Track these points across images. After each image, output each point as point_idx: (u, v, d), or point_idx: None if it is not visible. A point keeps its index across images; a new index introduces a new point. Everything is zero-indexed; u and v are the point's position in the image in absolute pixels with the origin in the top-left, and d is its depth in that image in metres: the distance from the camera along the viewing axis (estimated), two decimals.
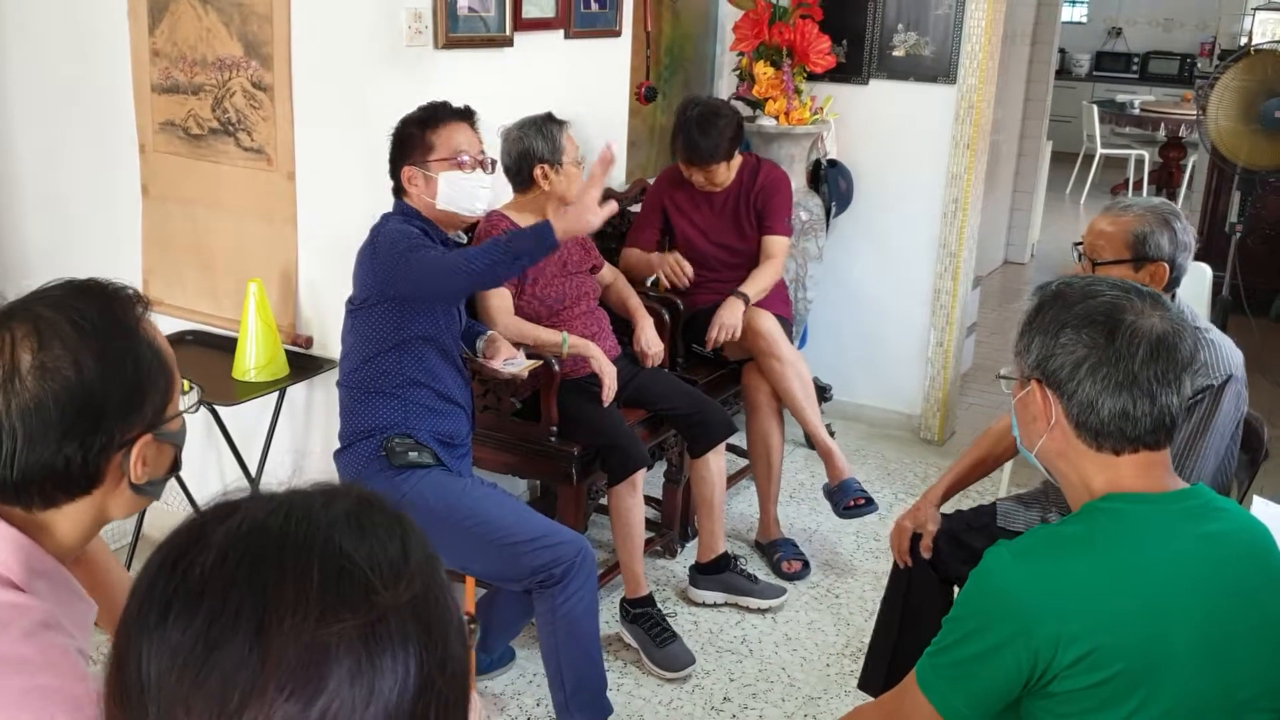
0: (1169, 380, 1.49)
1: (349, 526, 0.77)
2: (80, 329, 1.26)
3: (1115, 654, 1.42)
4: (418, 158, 2.66)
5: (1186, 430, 2.32)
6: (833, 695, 3.03)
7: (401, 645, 0.74)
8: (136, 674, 0.73)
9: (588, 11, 3.63)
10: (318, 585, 0.73)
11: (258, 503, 0.79)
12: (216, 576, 0.74)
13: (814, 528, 3.91)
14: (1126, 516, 1.50)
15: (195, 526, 0.78)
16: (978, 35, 4.29)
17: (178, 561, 0.76)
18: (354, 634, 0.72)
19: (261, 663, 0.71)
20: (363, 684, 0.72)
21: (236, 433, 3.19)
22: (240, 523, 0.77)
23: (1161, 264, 2.34)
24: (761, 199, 3.74)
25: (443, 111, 2.69)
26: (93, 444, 1.26)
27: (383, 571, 0.75)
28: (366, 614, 0.73)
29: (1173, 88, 10.91)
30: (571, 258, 3.27)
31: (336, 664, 0.71)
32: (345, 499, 0.80)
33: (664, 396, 3.34)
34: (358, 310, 2.69)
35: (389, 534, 0.79)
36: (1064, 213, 9.57)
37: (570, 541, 2.63)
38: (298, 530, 0.76)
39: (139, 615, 0.75)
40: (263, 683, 0.70)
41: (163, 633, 0.73)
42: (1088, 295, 1.55)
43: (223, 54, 3.13)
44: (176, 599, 0.74)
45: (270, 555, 0.74)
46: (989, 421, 4.91)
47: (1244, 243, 5.40)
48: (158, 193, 3.37)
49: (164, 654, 0.73)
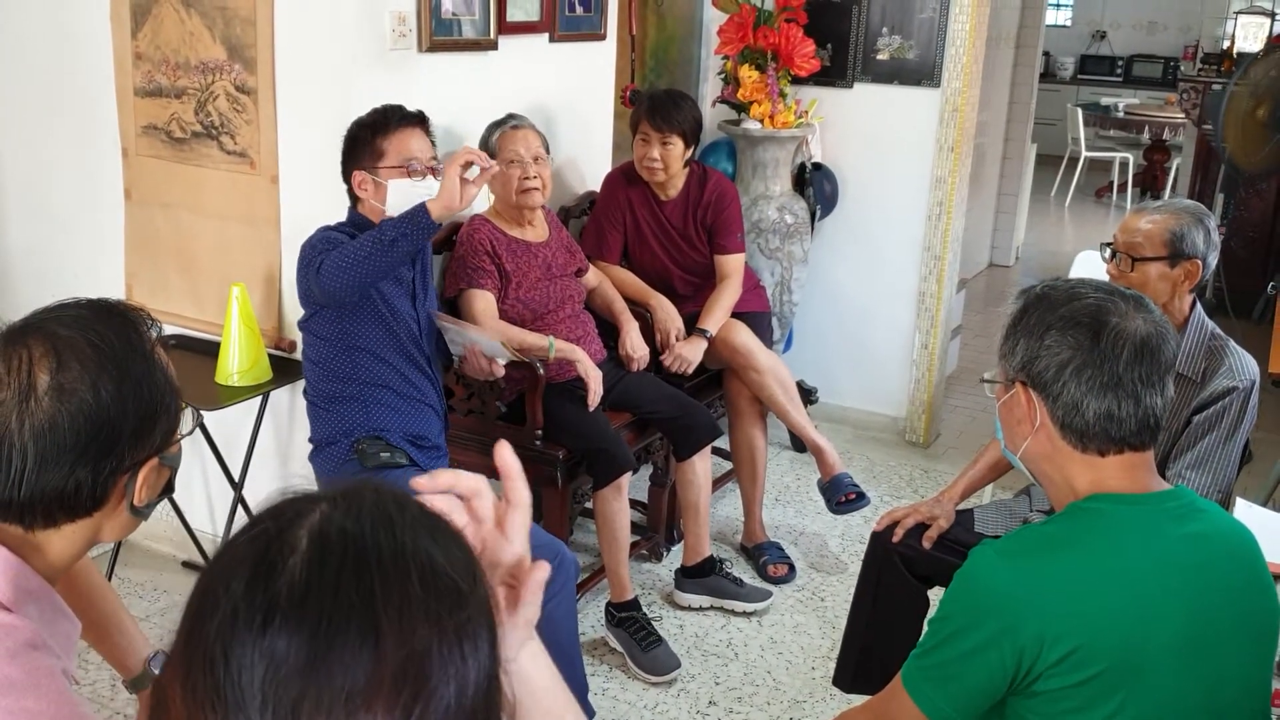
0: (1153, 382, 1.50)
1: (426, 530, 0.81)
2: (99, 351, 1.25)
3: (1097, 653, 1.42)
4: (368, 163, 2.65)
5: (1215, 436, 2.35)
6: (818, 698, 3.03)
7: (482, 639, 0.79)
8: (235, 682, 0.73)
9: (572, 15, 3.63)
10: (419, 589, 0.76)
11: (330, 503, 0.80)
12: (319, 584, 0.75)
13: (800, 530, 3.92)
14: (1110, 517, 1.50)
15: (275, 529, 0.79)
16: (962, 39, 4.30)
17: (271, 567, 0.76)
18: (452, 631, 0.77)
19: (375, 666, 0.73)
20: (456, 678, 0.76)
21: (219, 437, 3.18)
22: (323, 526, 0.78)
23: (1196, 261, 2.41)
24: (711, 214, 3.67)
25: (394, 116, 2.67)
26: (104, 468, 1.26)
27: (462, 572, 0.80)
28: (459, 613, 0.78)
29: (1157, 90, 10.96)
30: (556, 261, 3.27)
31: (440, 661, 0.75)
32: (412, 503, 0.84)
33: (649, 400, 3.33)
34: (307, 324, 2.72)
35: (454, 537, 0.83)
36: (1049, 216, 9.61)
37: (548, 545, 2.62)
38: (386, 537, 0.78)
39: (234, 622, 0.75)
40: (375, 686, 0.73)
41: (263, 640, 0.73)
42: (1072, 298, 1.56)
43: (206, 57, 3.12)
44: (279, 606, 0.74)
45: (369, 562, 0.76)
46: (974, 424, 4.95)
47: (1227, 245, 5.43)
48: (140, 196, 3.35)
49: (267, 660, 0.73)
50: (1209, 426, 2.36)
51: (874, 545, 2.58)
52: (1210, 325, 2.46)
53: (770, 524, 3.82)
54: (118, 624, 1.66)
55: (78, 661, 2.86)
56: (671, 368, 3.53)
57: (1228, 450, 2.36)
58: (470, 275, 3.09)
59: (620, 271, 3.69)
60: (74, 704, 1.22)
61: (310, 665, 0.73)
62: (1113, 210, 9.82)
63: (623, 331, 3.44)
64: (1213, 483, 2.35)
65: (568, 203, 3.81)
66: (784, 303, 4.38)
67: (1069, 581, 1.46)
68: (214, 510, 3.47)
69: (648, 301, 3.60)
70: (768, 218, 4.31)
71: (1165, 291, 2.41)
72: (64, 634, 1.33)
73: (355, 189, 2.68)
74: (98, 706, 2.85)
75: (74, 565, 1.39)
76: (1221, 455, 2.35)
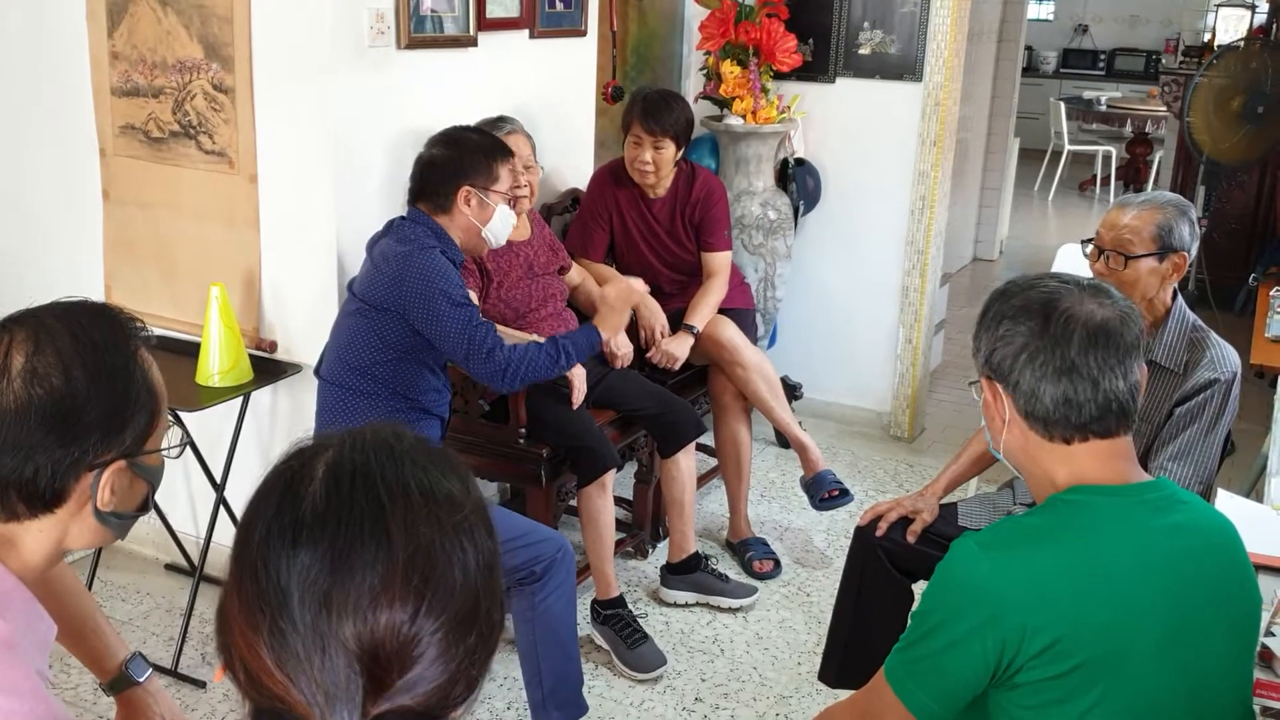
0: (1111, 365, 1.50)
1: (422, 453, 0.98)
2: (78, 341, 1.27)
3: (1078, 645, 1.42)
4: (481, 182, 2.68)
5: (1197, 428, 2.35)
6: (804, 694, 3.02)
7: (478, 535, 0.96)
8: (275, 585, 0.90)
9: (553, 11, 3.61)
10: (419, 496, 0.94)
11: (341, 441, 0.98)
12: (335, 500, 0.92)
13: (785, 526, 3.91)
14: (1090, 508, 1.50)
15: (297, 464, 0.96)
16: (943, 33, 4.30)
17: (295, 491, 0.94)
18: (451, 529, 0.94)
19: (390, 560, 0.90)
20: (459, 566, 0.94)
21: (201, 439, 3.16)
22: (336, 459, 0.96)
23: (1184, 254, 2.41)
24: (699, 212, 3.67)
25: (502, 147, 2.75)
26: (64, 458, 1.25)
27: (456, 482, 0.98)
28: (456, 513, 0.95)
29: (1139, 84, 11.01)
30: (538, 260, 3.26)
31: (443, 552, 0.93)
32: (407, 435, 1.00)
33: (633, 397, 3.33)
34: (369, 311, 2.63)
35: (445, 458, 1.00)
36: (1032, 209, 9.64)
37: (550, 539, 2.64)
38: (389, 461, 0.96)
39: (270, 538, 0.92)
40: (390, 575, 0.90)
41: (294, 550, 0.91)
42: (1027, 289, 1.58)
43: (183, 56, 3.09)
44: (304, 521, 0.92)
45: (374, 481, 0.94)
46: (958, 418, 4.95)
47: (1209, 237, 5.45)
48: (118, 197, 3.33)
49: (299, 567, 0.90)
50: (1191, 418, 2.36)
51: (858, 540, 2.58)
52: (1192, 317, 2.46)
53: (756, 520, 3.82)
54: (93, 627, 1.65)
55: (61, 665, 2.85)
56: (658, 364, 3.53)
57: (1209, 442, 2.36)
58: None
59: (604, 269, 3.68)
60: (50, 704, 1.21)
61: (335, 566, 0.90)
62: (1096, 204, 9.86)
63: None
64: (1194, 474, 2.35)
65: (550, 200, 3.80)
66: (768, 299, 4.38)
67: (1049, 572, 1.46)
68: (196, 512, 3.45)
69: None
70: (751, 214, 4.31)
71: (1154, 285, 2.41)
72: (40, 635, 1.32)
73: (459, 202, 2.67)
74: (81, 710, 2.83)
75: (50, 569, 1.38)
76: (1203, 447, 2.35)
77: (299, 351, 3.11)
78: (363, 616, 0.89)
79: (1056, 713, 1.45)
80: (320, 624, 0.89)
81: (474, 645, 0.94)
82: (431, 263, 2.59)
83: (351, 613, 0.89)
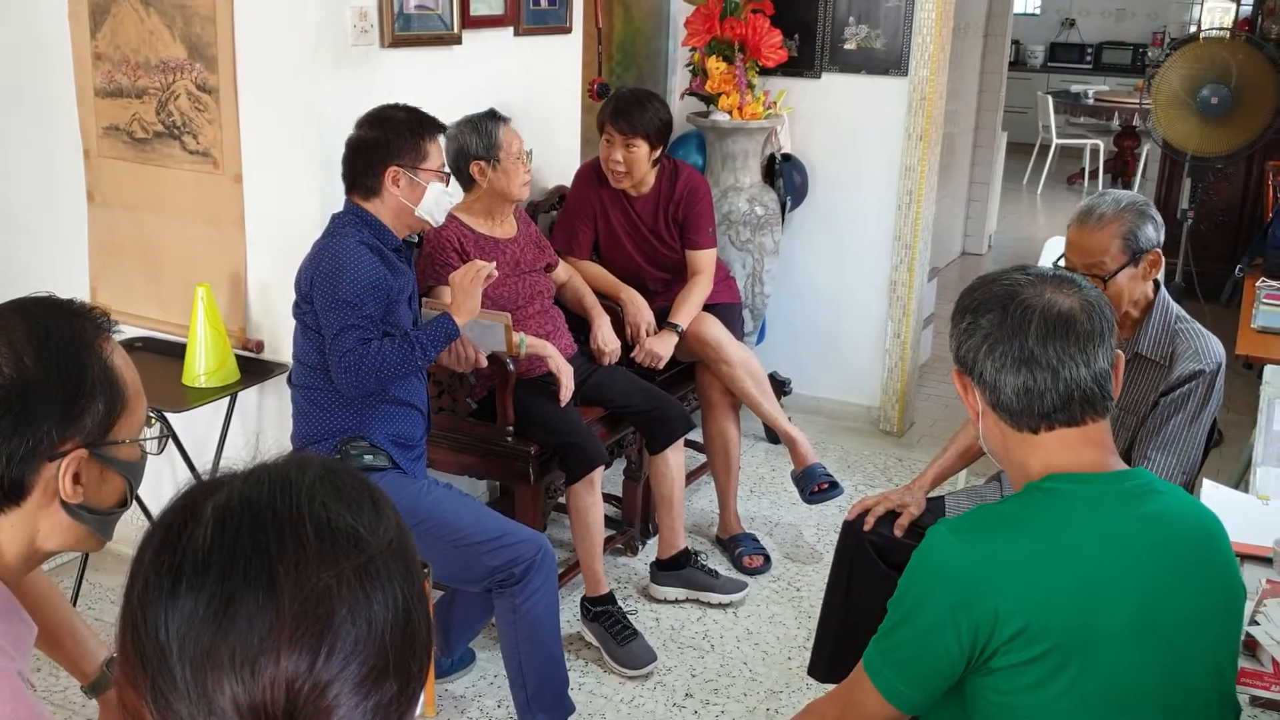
0: (1071, 354, 1.50)
1: (325, 487, 0.88)
2: (32, 332, 1.26)
3: (1047, 630, 1.43)
4: (408, 161, 2.61)
5: (1181, 418, 2.35)
6: (794, 689, 3.03)
7: (389, 580, 0.86)
8: (155, 640, 0.82)
9: (537, 8, 3.61)
10: (314, 538, 0.84)
11: (238, 478, 0.89)
12: (220, 545, 0.83)
13: (775, 521, 3.92)
14: (1064, 495, 1.51)
15: (184, 505, 0.88)
16: (928, 27, 4.30)
17: (178, 536, 0.85)
18: (351, 575, 0.84)
19: (276, 611, 0.81)
20: (361, 617, 0.83)
21: (188, 439, 3.15)
22: (228, 496, 0.86)
23: (1155, 250, 2.40)
24: (683, 210, 3.66)
25: (431, 123, 2.68)
26: (19, 446, 1.24)
27: (364, 520, 0.87)
28: (358, 557, 0.85)
29: (1126, 77, 11.02)
30: (524, 257, 3.26)
31: (339, 602, 0.83)
32: (314, 465, 0.91)
33: (621, 394, 3.33)
34: (304, 306, 2.64)
35: (359, 490, 0.90)
36: (1021, 203, 9.65)
37: (529, 540, 2.61)
38: (283, 496, 0.86)
39: (148, 589, 0.84)
40: (279, 627, 0.81)
41: (175, 600, 0.82)
42: (990, 282, 1.59)
43: (166, 56, 3.09)
44: (185, 569, 0.83)
45: (266, 520, 0.84)
46: (947, 412, 4.96)
47: (1196, 229, 5.46)
48: (103, 198, 3.32)
49: (181, 618, 0.81)
50: (1175, 409, 2.37)
51: (846, 534, 2.58)
52: (1175, 308, 2.47)
53: (745, 515, 3.82)
54: (70, 629, 1.64)
55: (50, 669, 2.84)
56: (643, 363, 3.53)
57: (1193, 432, 2.37)
58: (438, 272, 3.07)
59: (590, 266, 3.68)
60: (30, 705, 1.20)
61: (215, 618, 0.81)
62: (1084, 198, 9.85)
63: (594, 325, 3.43)
64: (1178, 464, 2.36)
65: (536, 198, 3.79)
66: (756, 294, 4.38)
67: (1021, 558, 1.46)
68: None
69: (618, 295, 3.59)
70: (738, 210, 4.30)
71: (1137, 288, 2.41)
72: (19, 636, 1.31)
73: (386, 184, 2.61)
74: (69, 714, 2.83)
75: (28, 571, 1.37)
76: (1186, 437, 2.36)
77: (285, 351, 3.10)
78: (249, 674, 0.80)
79: (1031, 698, 1.46)
80: (203, 683, 0.81)
81: (391, 700, 0.85)
82: (338, 249, 2.56)
83: (236, 670, 0.80)
